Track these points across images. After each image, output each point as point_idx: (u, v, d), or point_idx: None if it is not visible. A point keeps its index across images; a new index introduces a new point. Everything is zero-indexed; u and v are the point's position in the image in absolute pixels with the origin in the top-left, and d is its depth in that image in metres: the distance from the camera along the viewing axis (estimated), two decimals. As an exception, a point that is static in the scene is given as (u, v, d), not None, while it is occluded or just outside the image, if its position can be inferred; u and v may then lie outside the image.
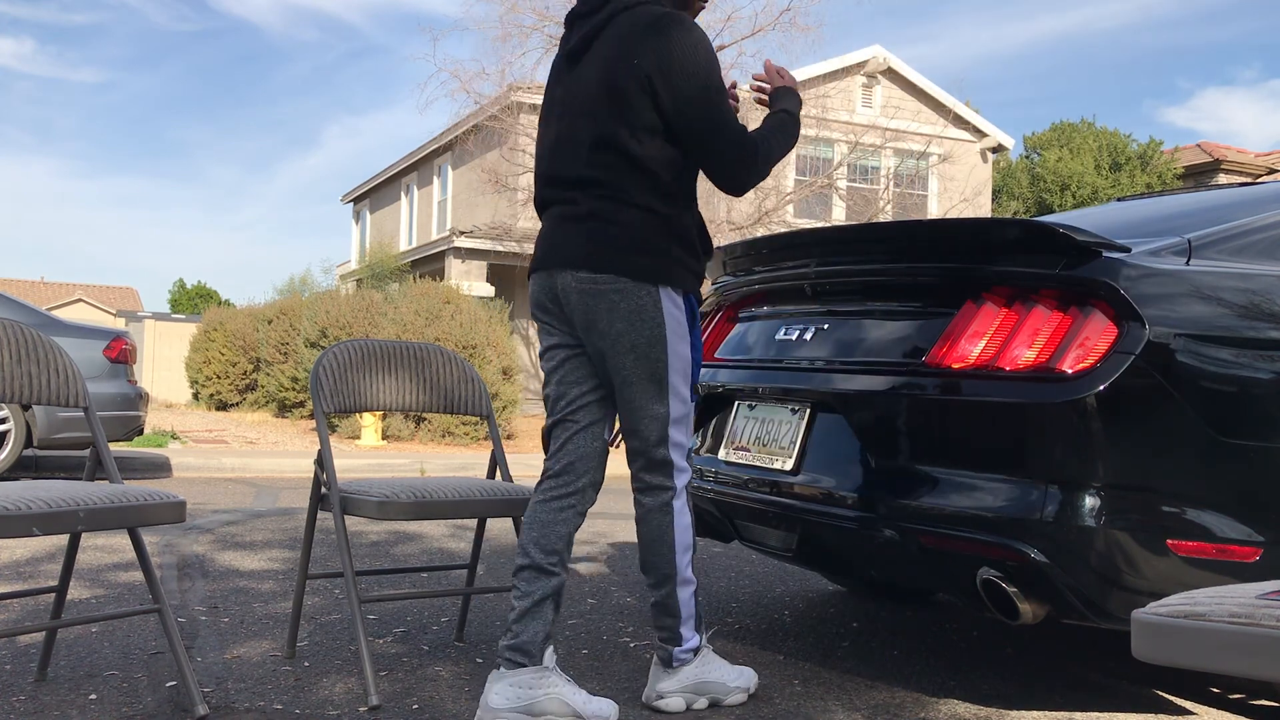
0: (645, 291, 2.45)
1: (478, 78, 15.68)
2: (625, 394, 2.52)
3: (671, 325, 2.48)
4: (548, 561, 2.51)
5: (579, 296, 2.47)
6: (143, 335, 22.99)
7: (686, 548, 2.58)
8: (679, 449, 2.55)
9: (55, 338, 6.31)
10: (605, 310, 2.45)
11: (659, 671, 2.63)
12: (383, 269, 20.44)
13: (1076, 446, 2.38)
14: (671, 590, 2.56)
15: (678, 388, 2.52)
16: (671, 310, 2.48)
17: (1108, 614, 2.40)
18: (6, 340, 2.65)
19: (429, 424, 12.41)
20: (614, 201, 2.45)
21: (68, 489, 2.36)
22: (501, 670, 2.47)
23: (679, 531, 2.55)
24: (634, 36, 2.44)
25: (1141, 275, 2.47)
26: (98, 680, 2.74)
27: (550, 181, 2.56)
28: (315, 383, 2.92)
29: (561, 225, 2.52)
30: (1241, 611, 1.59)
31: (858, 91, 20.72)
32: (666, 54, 2.40)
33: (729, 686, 2.66)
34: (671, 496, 2.55)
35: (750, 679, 2.72)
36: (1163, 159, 27.14)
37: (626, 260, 2.44)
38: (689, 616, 2.60)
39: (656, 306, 2.46)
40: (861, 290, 2.98)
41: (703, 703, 2.62)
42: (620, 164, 2.44)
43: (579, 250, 2.46)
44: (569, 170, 2.50)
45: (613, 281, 2.44)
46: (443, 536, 5.42)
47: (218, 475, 8.84)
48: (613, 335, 2.47)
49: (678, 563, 2.56)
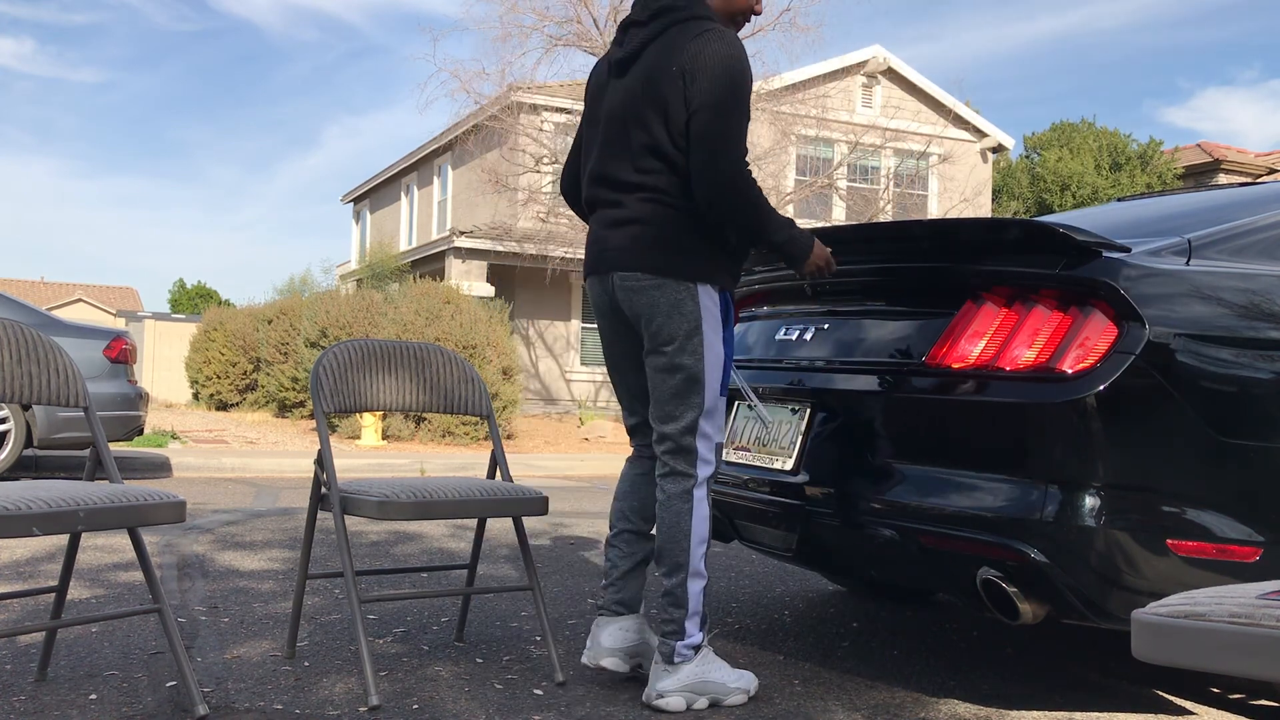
0: (684, 288, 2.59)
1: (478, 78, 15.67)
2: (662, 383, 2.65)
3: (708, 320, 2.61)
4: (646, 527, 2.81)
5: (624, 294, 2.66)
6: (143, 335, 22.99)
7: (702, 540, 2.64)
8: (706, 440, 2.64)
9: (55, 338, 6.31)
10: (647, 305, 2.62)
11: (659, 669, 2.63)
12: (383, 269, 20.43)
13: (1076, 446, 2.38)
14: (683, 581, 2.61)
15: (711, 381, 2.63)
16: (708, 305, 2.62)
17: (1108, 614, 2.40)
18: (6, 340, 2.65)
19: (429, 424, 12.41)
20: (657, 204, 2.61)
21: (68, 489, 2.36)
22: (608, 618, 2.80)
23: (697, 521, 2.63)
24: (679, 47, 2.58)
25: (1142, 275, 2.47)
26: (98, 680, 2.74)
27: (599, 181, 2.71)
28: (315, 383, 2.92)
29: (608, 230, 2.69)
30: (1241, 611, 1.59)
31: (858, 91, 20.72)
32: (701, 59, 2.54)
33: (729, 687, 2.66)
34: (693, 485, 2.63)
35: (750, 682, 2.72)
36: (1163, 159, 27.14)
37: (667, 260, 2.60)
38: (695, 612, 2.62)
39: (694, 301, 2.60)
40: (861, 290, 2.98)
41: (703, 703, 2.62)
42: (664, 169, 2.59)
43: (624, 253, 2.64)
44: (618, 174, 2.66)
45: (654, 279, 2.60)
46: (443, 536, 5.42)
47: (218, 475, 8.84)
48: (654, 329, 2.62)
49: (692, 553, 2.62)
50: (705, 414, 2.63)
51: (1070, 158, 27.99)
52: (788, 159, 18.06)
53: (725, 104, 2.52)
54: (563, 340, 19.50)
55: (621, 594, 2.80)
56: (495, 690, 2.75)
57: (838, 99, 19.66)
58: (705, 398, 2.62)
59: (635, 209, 2.63)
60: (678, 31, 2.61)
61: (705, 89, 2.51)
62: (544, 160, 15.99)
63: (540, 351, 19.32)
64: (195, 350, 19.16)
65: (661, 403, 2.65)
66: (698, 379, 2.61)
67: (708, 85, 2.51)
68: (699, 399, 2.61)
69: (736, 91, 2.54)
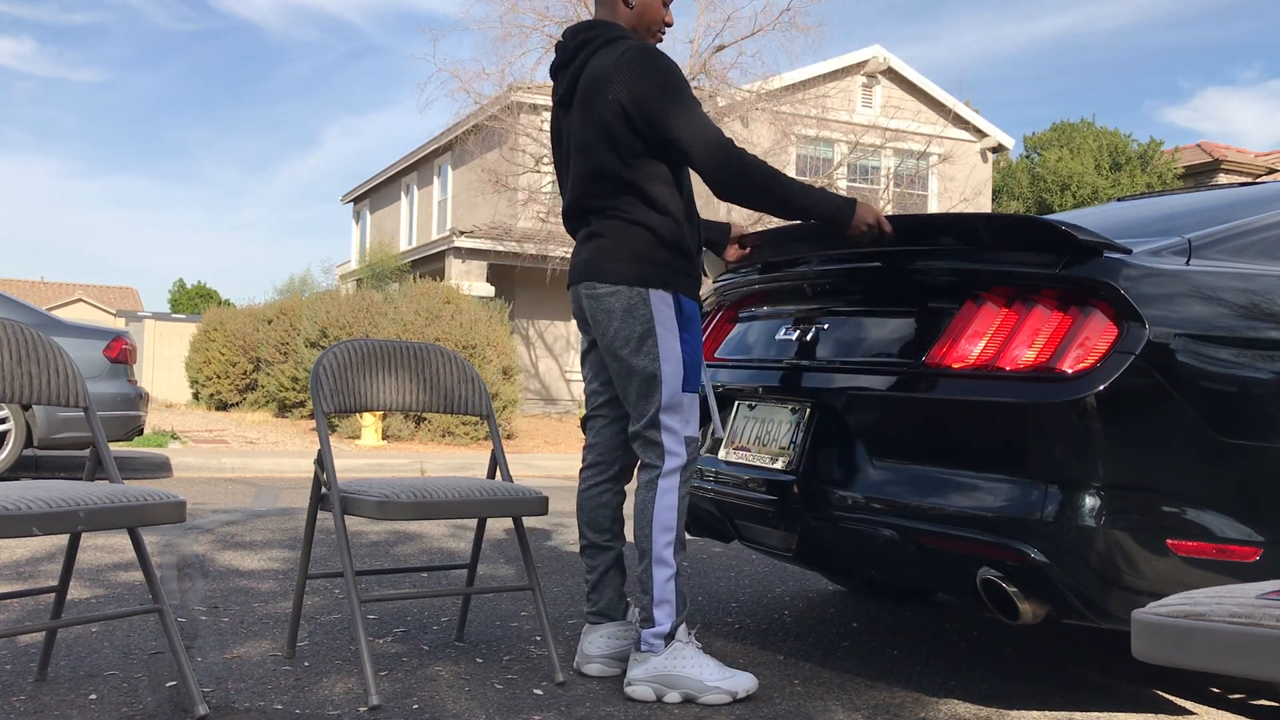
0: (636, 294, 2.73)
1: (478, 78, 15.67)
2: (623, 384, 2.80)
3: (662, 323, 2.73)
4: (601, 539, 2.94)
5: (587, 303, 2.81)
6: (143, 335, 22.98)
7: (666, 529, 2.72)
8: (671, 434, 2.75)
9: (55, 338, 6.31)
10: (604, 312, 2.77)
11: (633, 657, 2.73)
12: (383, 269, 20.43)
13: (1076, 446, 2.38)
14: (648, 566, 2.73)
15: (669, 379, 2.74)
16: (662, 309, 2.74)
17: (1108, 614, 2.40)
18: (7, 340, 2.65)
19: (429, 424, 12.41)
20: (616, 220, 2.77)
21: (68, 489, 2.36)
22: (590, 625, 2.94)
23: (659, 510, 2.73)
24: (606, 73, 2.72)
25: (1142, 275, 2.47)
26: (98, 680, 2.74)
27: (572, 213, 2.90)
28: (315, 383, 2.92)
29: (578, 248, 2.87)
30: (1241, 611, 1.59)
31: (858, 91, 20.71)
32: (631, 76, 2.68)
33: (706, 685, 2.66)
34: (658, 475, 2.75)
35: (742, 684, 2.71)
36: (1163, 159, 27.13)
37: (618, 268, 2.74)
38: (662, 601, 2.70)
39: (646, 306, 2.73)
40: (861, 290, 2.98)
41: (675, 696, 2.66)
42: (616, 188, 2.75)
43: (586, 264, 2.81)
44: (580, 202, 2.84)
45: (609, 288, 2.75)
46: (443, 536, 5.42)
47: (218, 475, 8.84)
48: (610, 333, 2.76)
49: (655, 540, 2.72)
50: (665, 409, 2.74)
51: (1070, 158, 27.98)
52: (788, 159, 18.05)
53: (669, 108, 2.65)
54: (563, 340, 19.50)
55: (598, 604, 2.94)
56: (495, 690, 2.75)
57: (838, 99, 19.65)
58: (664, 394, 2.74)
59: (597, 225, 2.80)
60: (600, 58, 2.76)
61: (644, 98, 2.65)
62: (544, 160, 15.98)
63: (540, 351, 19.33)
64: (195, 350, 19.15)
65: (629, 403, 2.80)
66: (655, 377, 2.73)
67: (643, 94, 2.65)
68: (658, 396, 2.74)
69: (671, 85, 2.66)
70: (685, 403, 2.76)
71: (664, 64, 2.70)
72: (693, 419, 2.78)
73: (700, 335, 2.83)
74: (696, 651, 2.71)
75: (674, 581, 2.72)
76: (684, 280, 2.78)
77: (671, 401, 2.74)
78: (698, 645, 2.75)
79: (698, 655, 2.71)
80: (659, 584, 2.71)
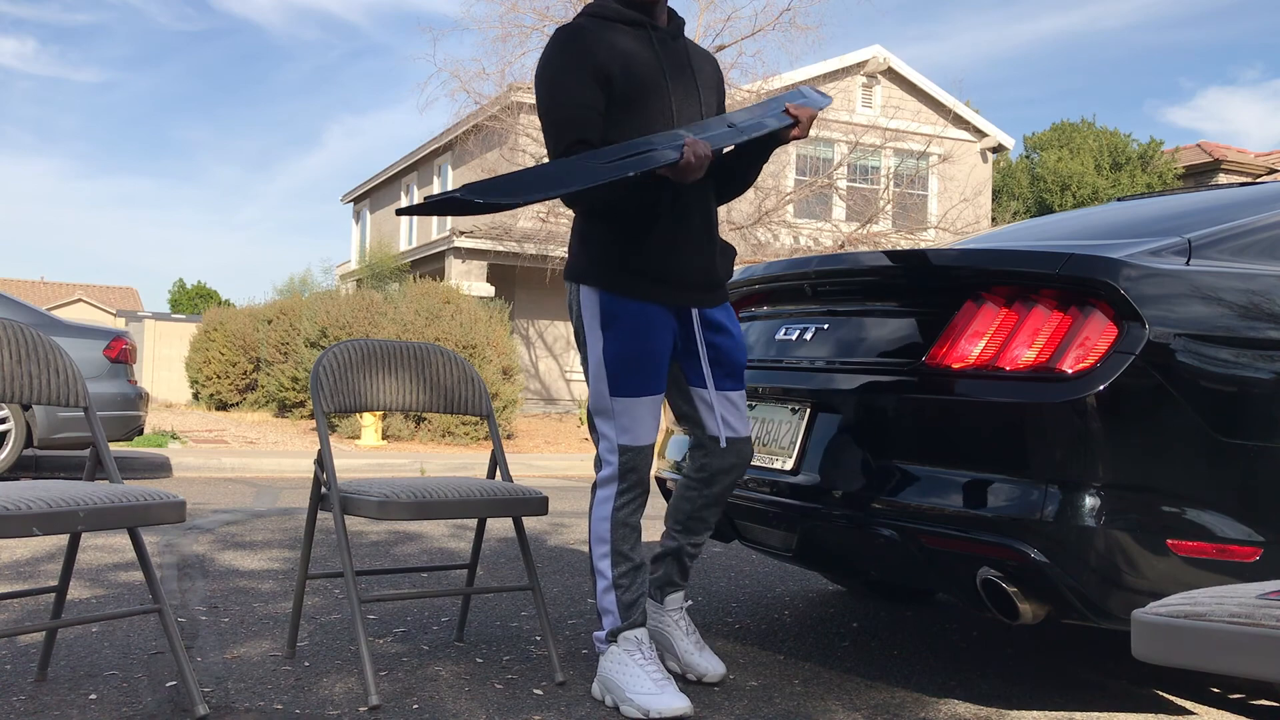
0: (572, 289, 2.72)
1: (478, 78, 15.67)
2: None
3: (588, 319, 2.67)
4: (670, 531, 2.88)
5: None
6: (143, 335, 22.98)
7: (600, 539, 2.69)
8: (603, 439, 2.69)
9: (55, 338, 6.31)
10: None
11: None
12: (383, 269, 20.43)
13: (1076, 446, 2.38)
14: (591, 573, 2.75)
15: (592, 379, 2.69)
16: (588, 305, 2.67)
17: (1108, 614, 2.40)
18: (7, 340, 2.65)
19: (429, 424, 12.41)
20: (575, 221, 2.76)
21: (68, 489, 2.36)
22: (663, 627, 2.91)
23: (593, 520, 2.71)
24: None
25: (1142, 275, 2.47)
26: (98, 680, 2.74)
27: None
28: (315, 382, 2.92)
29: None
30: (1241, 611, 1.59)
31: (858, 91, 20.71)
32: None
33: (626, 695, 2.57)
34: (594, 483, 2.72)
35: (665, 705, 2.52)
36: (1163, 159, 27.14)
37: (566, 264, 2.74)
38: (605, 610, 2.69)
39: (578, 302, 2.70)
40: (861, 290, 2.98)
41: (610, 700, 2.64)
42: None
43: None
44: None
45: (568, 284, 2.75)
46: (443, 536, 5.42)
47: (218, 475, 8.84)
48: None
49: (592, 550, 2.72)
50: (593, 411, 2.70)
51: (1070, 158, 28.00)
52: (788, 159, 18.07)
53: (540, 109, 2.60)
54: (563, 340, 19.50)
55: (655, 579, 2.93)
56: (495, 690, 2.75)
57: (838, 99, 19.66)
58: (590, 396, 2.70)
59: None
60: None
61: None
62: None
63: (540, 351, 19.32)
64: (195, 350, 19.15)
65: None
66: (588, 377, 2.70)
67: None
68: (591, 399, 2.70)
69: (542, 89, 2.61)
70: (616, 408, 2.63)
71: (543, 62, 2.62)
72: (632, 426, 2.63)
73: (648, 337, 2.63)
74: (634, 662, 2.61)
75: (612, 592, 2.66)
76: (617, 276, 2.60)
77: (598, 405, 2.67)
78: (647, 656, 2.63)
79: (634, 666, 2.60)
80: (599, 593, 2.70)
